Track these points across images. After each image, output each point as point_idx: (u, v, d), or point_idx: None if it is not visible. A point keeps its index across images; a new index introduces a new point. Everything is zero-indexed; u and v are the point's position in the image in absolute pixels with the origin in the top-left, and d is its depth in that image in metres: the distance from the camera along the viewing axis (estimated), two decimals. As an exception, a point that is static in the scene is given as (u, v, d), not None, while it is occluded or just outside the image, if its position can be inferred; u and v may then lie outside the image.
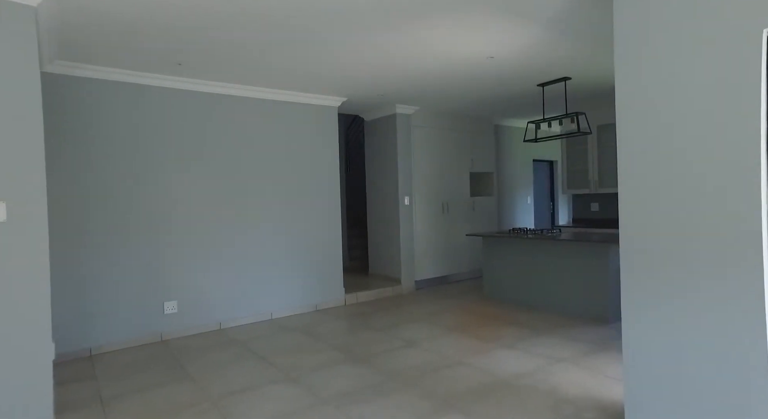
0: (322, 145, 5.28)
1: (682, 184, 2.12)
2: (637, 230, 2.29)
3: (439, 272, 6.50)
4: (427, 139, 6.37)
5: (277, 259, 4.91)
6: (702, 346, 2.08)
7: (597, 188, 6.15)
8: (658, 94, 2.20)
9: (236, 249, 4.62)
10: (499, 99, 5.69)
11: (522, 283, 5.04)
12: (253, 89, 4.68)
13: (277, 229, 4.91)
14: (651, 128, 2.23)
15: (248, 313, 4.71)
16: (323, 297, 5.25)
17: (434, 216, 6.44)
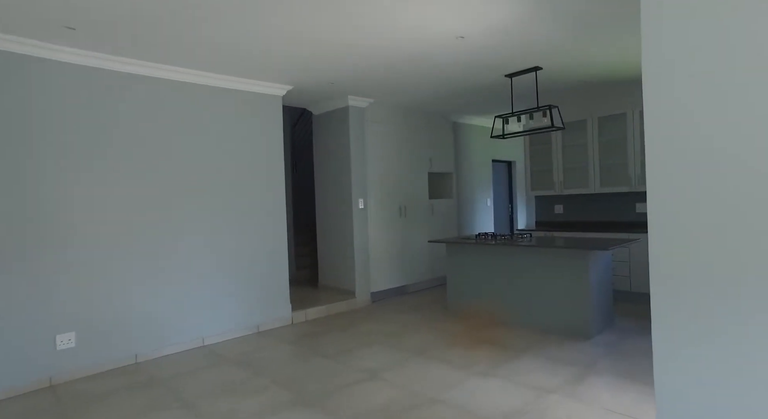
0: (264, 140, 4.55)
1: (735, 193, 1.64)
2: (668, 249, 1.80)
3: (397, 282, 5.92)
4: (383, 136, 5.78)
5: (209, 274, 4.12)
6: (755, 396, 1.60)
7: (562, 189, 5.82)
8: (704, 84, 1.71)
9: (157, 264, 3.80)
10: (462, 91, 5.20)
11: (491, 295, 4.55)
12: (177, 70, 3.88)
13: (209, 239, 4.12)
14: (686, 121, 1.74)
15: (174, 341, 3.89)
16: (266, 316, 4.51)
17: (391, 220, 5.86)
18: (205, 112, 4.13)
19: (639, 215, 5.46)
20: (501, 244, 4.30)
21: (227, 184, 4.26)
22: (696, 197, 1.77)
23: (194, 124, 4.06)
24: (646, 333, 3.95)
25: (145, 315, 3.72)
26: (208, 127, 4.15)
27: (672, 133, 1.81)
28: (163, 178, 3.86)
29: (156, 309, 3.79)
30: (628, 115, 5.22)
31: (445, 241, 4.82)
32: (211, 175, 4.16)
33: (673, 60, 1.81)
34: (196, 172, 4.06)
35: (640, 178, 5.16)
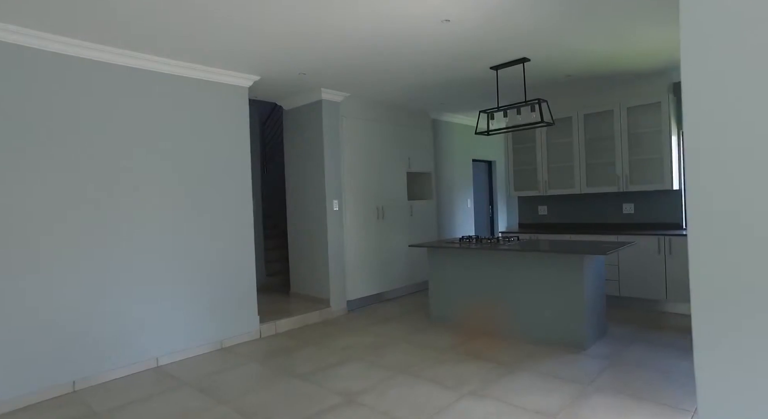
0: (228, 134, 4.10)
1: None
2: (715, 259, 1.50)
3: (374, 288, 5.54)
4: (360, 133, 5.41)
5: (164, 283, 3.65)
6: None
7: (546, 190, 5.57)
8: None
9: (100, 272, 3.31)
10: (445, 84, 4.88)
11: (478, 304, 4.23)
12: (127, 54, 3.41)
13: (163, 243, 3.65)
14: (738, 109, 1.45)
15: (121, 362, 3.40)
16: (231, 330, 4.06)
17: (368, 223, 5.48)
18: (162, 103, 3.67)
19: (626, 216, 5.26)
20: (487, 248, 3.98)
21: (186, 181, 3.80)
22: (743, 203, 1.47)
23: (150, 116, 3.59)
24: (640, 342, 3.70)
25: (83, 332, 3.23)
26: (167, 120, 3.69)
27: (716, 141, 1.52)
28: (110, 176, 3.37)
29: (98, 324, 3.30)
30: (615, 112, 5.01)
31: (426, 245, 4.47)
32: (169, 172, 3.69)
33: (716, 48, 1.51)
34: (150, 170, 3.58)
35: (628, 178, 4.95)
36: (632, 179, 4.98)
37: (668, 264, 4.54)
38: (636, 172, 5.02)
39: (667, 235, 4.55)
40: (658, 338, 3.80)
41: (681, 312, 4.54)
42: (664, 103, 4.69)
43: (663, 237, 4.57)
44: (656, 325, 4.17)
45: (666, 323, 4.23)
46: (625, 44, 3.76)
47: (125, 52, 3.40)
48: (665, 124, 4.71)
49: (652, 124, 4.86)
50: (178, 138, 3.76)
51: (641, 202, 5.15)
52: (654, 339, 3.79)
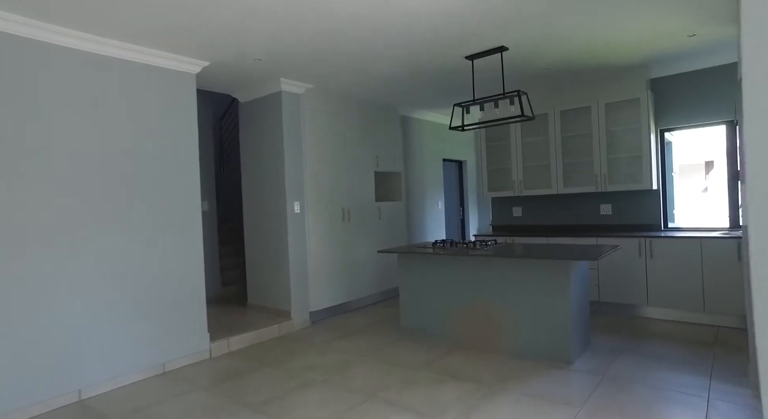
0: (172, 127, 3.59)
1: None
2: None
3: (340, 298, 5.11)
4: (324, 128, 4.97)
5: (90, 298, 3.10)
6: None
7: (521, 190, 5.30)
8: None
9: (12, 289, 2.74)
10: (416, 76, 4.51)
11: (454, 315, 3.87)
12: (42, 27, 2.86)
13: (92, 252, 3.10)
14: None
15: (35, 397, 2.83)
16: (175, 351, 3.54)
17: (333, 226, 5.05)
18: (92, 88, 3.12)
19: (603, 217, 5.04)
20: (464, 254, 3.63)
21: (119, 179, 3.26)
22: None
23: (76, 103, 3.03)
24: (628, 353, 3.44)
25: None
26: (98, 109, 3.15)
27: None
28: (26, 173, 2.81)
29: (6, 353, 2.73)
30: (592, 109, 4.78)
31: (397, 251, 4.08)
32: (98, 169, 3.15)
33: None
34: (74, 167, 3.03)
35: (607, 178, 4.73)
36: (611, 179, 4.76)
37: (649, 267, 4.33)
38: (614, 171, 4.80)
39: (648, 237, 4.33)
40: (645, 348, 3.55)
41: (663, 317, 4.33)
42: (643, 99, 4.49)
43: (644, 239, 4.36)
44: (640, 333, 3.93)
45: (650, 330, 4.00)
46: (605, 32, 3.50)
47: (41, 23, 2.84)
48: (644, 121, 4.51)
49: (630, 121, 4.65)
50: (110, 128, 3.22)
51: (619, 202, 4.94)
52: (641, 349, 3.53)
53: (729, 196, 4.52)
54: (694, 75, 4.58)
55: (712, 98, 4.48)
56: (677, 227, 4.77)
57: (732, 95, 4.37)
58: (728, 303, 3.97)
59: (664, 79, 4.73)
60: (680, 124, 4.69)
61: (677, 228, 4.75)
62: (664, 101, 4.74)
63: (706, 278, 4.07)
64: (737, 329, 3.94)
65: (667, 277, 4.24)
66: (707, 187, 9.54)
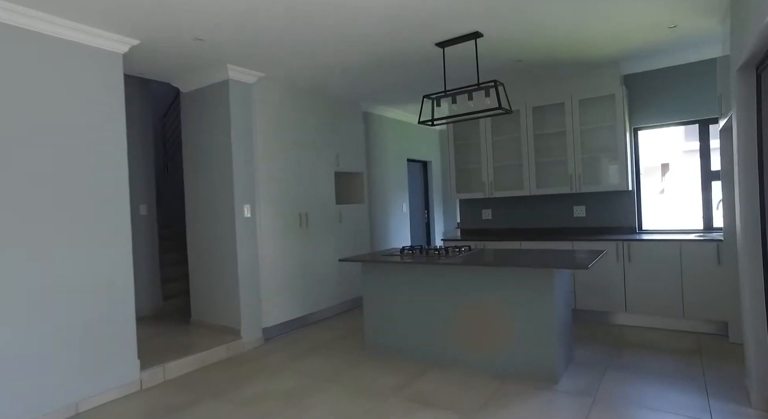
0: (92, 115, 3.00)
1: None
2: None
3: (298, 311, 4.61)
4: (278, 123, 4.47)
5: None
6: None
7: (492, 192, 5.00)
8: None
9: None
10: (381, 66, 4.10)
11: (425, 330, 3.48)
12: None
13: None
14: None
15: None
16: (93, 385, 2.94)
17: (288, 231, 4.55)
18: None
19: (577, 220, 4.81)
20: (436, 263, 3.24)
21: (26, 178, 2.65)
22: None
23: (-49, 80, 2.42)
24: (614, 369, 3.15)
25: None
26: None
27: None
28: None
29: None
30: (566, 105, 4.54)
31: (360, 260, 3.64)
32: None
33: None
34: (-47, 161, 2.41)
35: (581, 178, 4.49)
36: (585, 179, 4.53)
37: (627, 272, 4.11)
38: (589, 171, 4.58)
39: (626, 240, 4.11)
40: (630, 361, 3.28)
41: (641, 324, 4.11)
42: (618, 95, 4.28)
43: (621, 242, 4.13)
44: (622, 343, 3.68)
45: (631, 340, 3.76)
46: (586, 20, 3.22)
47: None
48: (619, 118, 4.30)
49: (605, 119, 4.44)
50: (14, 115, 2.61)
51: (593, 204, 4.72)
52: (626, 363, 3.25)
53: (702, 198, 4.38)
54: (668, 72, 4.42)
55: (686, 96, 4.33)
56: (651, 229, 4.60)
57: (707, 93, 4.23)
58: (708, 309, 3.79)
59: (638, 75, 4.55)
60: (653, 122, 4.52)
61: (651, 230, 4.58)
62: (638, 99, 4.56)
63: (685, 283, 3.88)
64: (717, 336, 3.76)
65: (646, 282, 4.03)
66: (664, 189, 9.74)
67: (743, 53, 2.44)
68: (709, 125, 4.33)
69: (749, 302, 2.56)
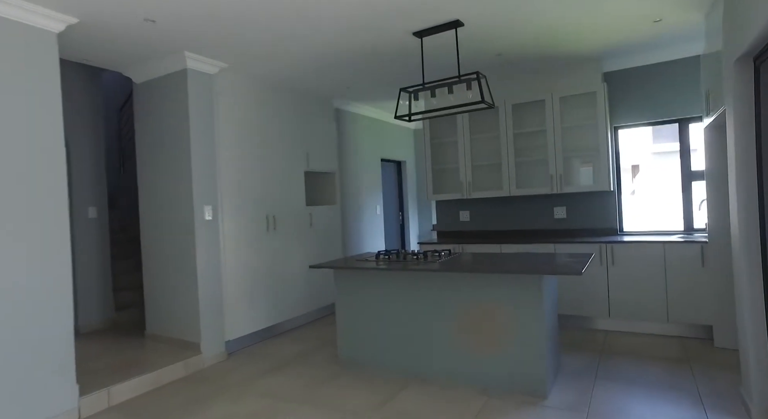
0: (20, 103, 2.60)
1: None
2: None
3: (265, 321, 4.27)
4: (243, 119, 4.14)
5: None
6: None
7: (470, 192, 4.79)
8: None
9: None
10: (354, 58, 3.83)
11: (403, 342, 3.21)
12: None
13: None
14: None
15: None
16: (21, 417, 2.54)
17: (255, 235, 4.22)
18: None
19: (558, 221, 4.65)
20: (415, 269, 2.99)
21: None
22: None
23: None
24: (603, 379, 2.97)
25: None
26: None
27: None
28: None
29: None
30: (547, 102, 4.37)
31: (333, 266, 3.35)
32: None
33: None
34: None
35: (562, 178, 4.34)
36: (567, 179, 4.38)
37: (611, 275, 3.96)
38: (570, 171, 4.43)
39: (609, 243, 3.97)
40: (619, 370, 3.11)
41: (625, 329, 3.97)
42: (600, 93, 4.15)
43: (604, 245, 3.98)
44: (608, 351, 3.51)
45: (616, 346, 3.60)
46: (570, 12, 3.04)
47: None
48: (601, 117, 4.16)
49: (586, 117, 4.30)
50: None
51: (574, 205, 4.58)
52: (616, 372, 3.08)
53: (682, 198, 4.29)
54: (648, 70, 4.31)
55: (667, 95, 4.24)
56: (632, 231, 4.49)
57: (687, 91, 4.14)
58: (692, 313, 3.68)
59: (619, 73, 4.43)
60: (633, 121, 4.41)
61: (633, 232, 4.46)
62: (618, 97, 4.44)
63: (669, 286, 3.76)
64: (702, 340, 3.65)
65: (630, 286, 3.89)
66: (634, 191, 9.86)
67: (741, 45, 2.30)
68: (689, 124, 4.25)
69: (748, 308, 2.41)
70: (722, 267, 3.46)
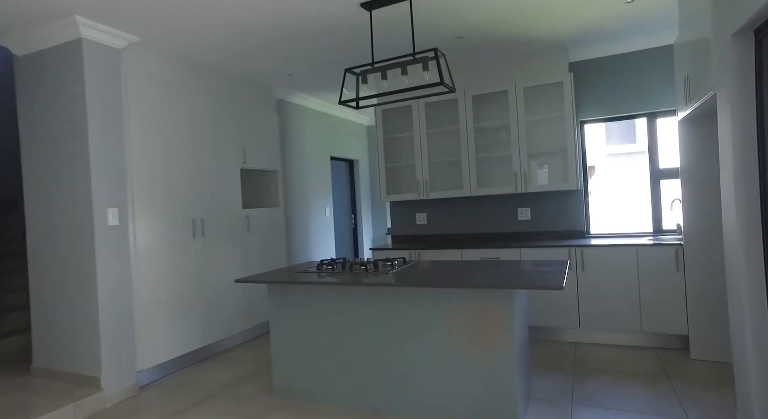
0: None
1: None
2: None
3: (189, 344, 3.62)
4: (162, 106, 3.48)
5: None
6: None
7: (427, 193, 4.34)
8: None
9: None
10: (290, 30, 3.27)
11: (351, 368, 2.69)
12: None
13: None
14: None
15: None
16: None
17: (177, 243, 3.56)
18: None
19: (522, 223, 4.27)
20: (362, 283, 2.47)
21: None
22: None
23: None
24: (579, 402, 2.57)
25: None
26: None
27: None
28: None
29: None
30: (510, 93, 3.99)
31: (262, 280, 2.76)
32: None
33: None
34: None
35: (528, 177, 3.96)
36: (531, 177, 4.01)
37: (581, 282, 3.61)
38: (535, 168, 4.06)
39: (578, 246, 3.62)
40: (597, 394, 2.72)
41: (597, 341, 3.63)
42: (566, 83, 3.80)
43: (574, 249, 3.63)
44: (582, 368, 3.13)
45: (591, 363, 3.23)
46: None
47: None
48: (568, 109, 3.82)
49: (552, 110, 3.95)
50: None
51: (539, 205, 4.22)
52: (593, 396, 2.69)
53: (652, 198, 4.02)
54: (616, 60, 4.02)
55: (635, 87, 3.96)
56: (600, 233, 4.18)
57: (656, 84, 3.88)
58: (667, 322, 3.37)
59: (584, 63, 4.13)
60: (600, 115, 4.11)
61: (600, 234, 4.15)
62: (584, 89, 4.13)
63: (642, 293, 3.44)
64: (678, 351, 3.35)
65: (601, 294, 3.55)
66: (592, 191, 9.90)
67: (739, 18, 1.96)
68: (656, 119, 3.98)
69: (749, 320, 2.06)
70: (699, 271, 3.17)
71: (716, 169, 3.09)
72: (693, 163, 3.18)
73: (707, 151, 3.13)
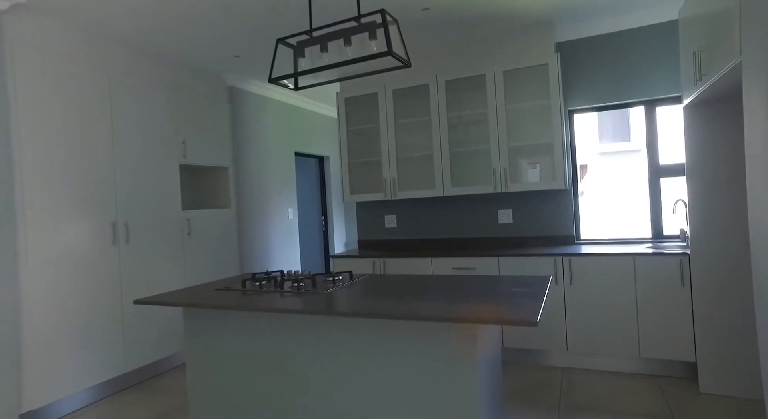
0: None
1: None
2: None
3: (103, 373, 3.04)
4: (66, 84, 2.90)
5: None
6: None
7: (395, 192, 3.78)
8: None
9: None
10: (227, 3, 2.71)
11: (279, 409, 2.12)
12: None
13: None
14: None
15: None
16: None
17: (90, 252, 2.98)
18: None
19: (503, 228, 3.73)
20: (266, 308, 1.91)
21: None
22: None
23: None
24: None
25: None
26: None
27: None
28: None
29: None
30: (488, 78, 3.44)
31: (165, 303, 2.18)
32: None
33: None
34: None
35: (508, 173, 3.42)
36: (513, 175, 3.47)
37: (569, 297, 3.07)
38: (518, 164, 3.53)
39: (565, 255, 3.08)
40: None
41: (589, 367, 3.09)
42: (552, 66, 3.26)
43: (560, 258, 3.09)
44: (571, 404, 2.59)
45: (581, 396, 2.69)
46: None
47: None
48: (554, 96, 3.28)
49: (536, 96, 3.41)
50: None
51: (522, 206, 3.68)
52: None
53: (650, 199, 3.50)
54: (609, 39, 3.49)
55: (632, 70, 3.43)
56: (591, 239, 3.64)
57: (656, 67, 3.35)
58: (670, 346, 2.84)
59: (572, 43, 3.59)
60: (590, 103, 3.57)
61: (591, 240, 3.62)
62: (573, 74, 3.60)
63: (641, 311, 2.91)
64: (683, 380, 2.82)
65: (593, 312, 3.01)
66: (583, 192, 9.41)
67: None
68: (656, 108, 3.46)
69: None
70: (708, 286, 2.64)
71: (731, 163, 2.57)
72: (701, 156, 2.65)
73: (719, 142, 2.61)
